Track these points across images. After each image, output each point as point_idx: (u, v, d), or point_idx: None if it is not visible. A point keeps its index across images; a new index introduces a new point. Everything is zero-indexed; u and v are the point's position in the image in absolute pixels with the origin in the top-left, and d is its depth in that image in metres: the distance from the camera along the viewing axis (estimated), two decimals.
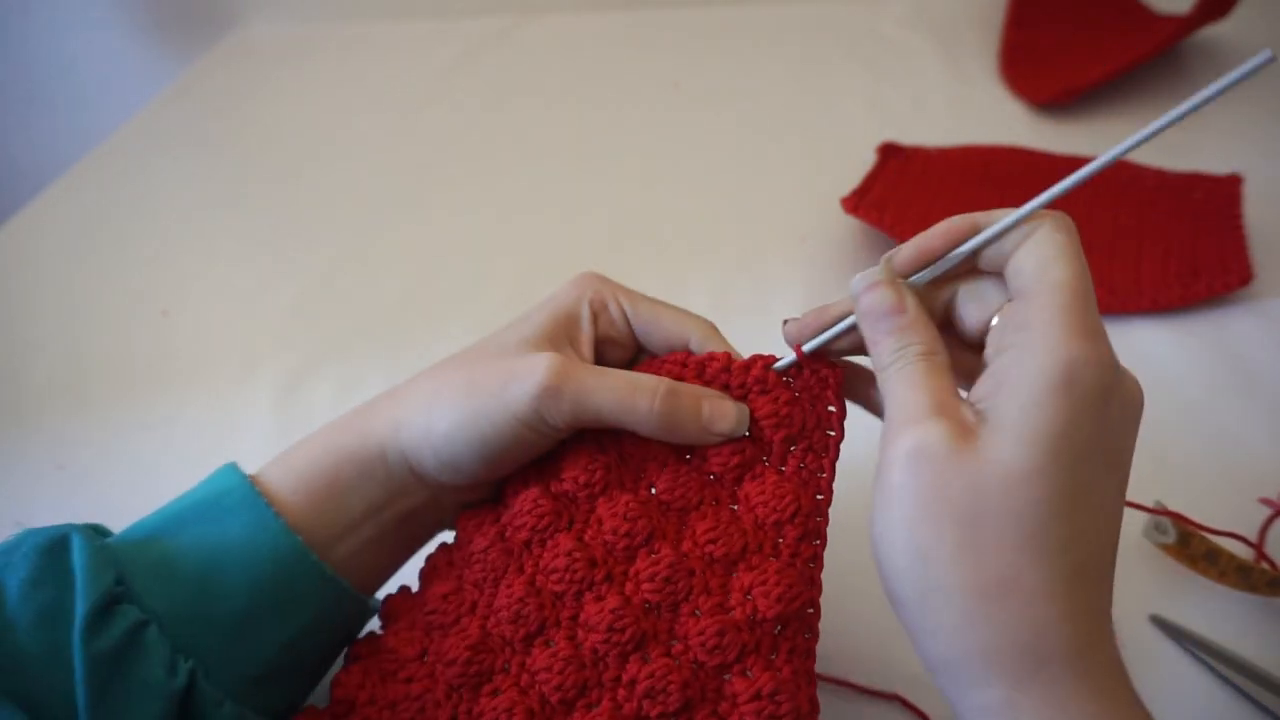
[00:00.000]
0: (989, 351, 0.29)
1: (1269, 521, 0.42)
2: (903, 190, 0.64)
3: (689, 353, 0.35)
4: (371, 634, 0.36)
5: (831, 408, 0.33)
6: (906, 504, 0.27)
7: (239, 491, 0.33)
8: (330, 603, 0.34)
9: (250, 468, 0.50)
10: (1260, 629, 0.39)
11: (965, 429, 0.27)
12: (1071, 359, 0.26)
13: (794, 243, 0.65)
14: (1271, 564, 0.41)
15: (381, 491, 0.34)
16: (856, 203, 0.59)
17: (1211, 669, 0.38)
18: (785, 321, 0.34)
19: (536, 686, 0.32)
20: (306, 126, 0.87)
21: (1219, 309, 0.55)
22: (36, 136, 1.21)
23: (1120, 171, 0.64)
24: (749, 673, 0.30)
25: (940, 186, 0.65)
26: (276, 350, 0.60)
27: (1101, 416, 0.27)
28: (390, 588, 0.38)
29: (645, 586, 0.32)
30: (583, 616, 0.32)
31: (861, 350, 0.33)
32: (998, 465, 0.26)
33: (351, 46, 1.00)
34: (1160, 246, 0.58)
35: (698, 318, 0.36)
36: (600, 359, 0.36)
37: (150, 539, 0.33)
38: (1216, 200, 0.61)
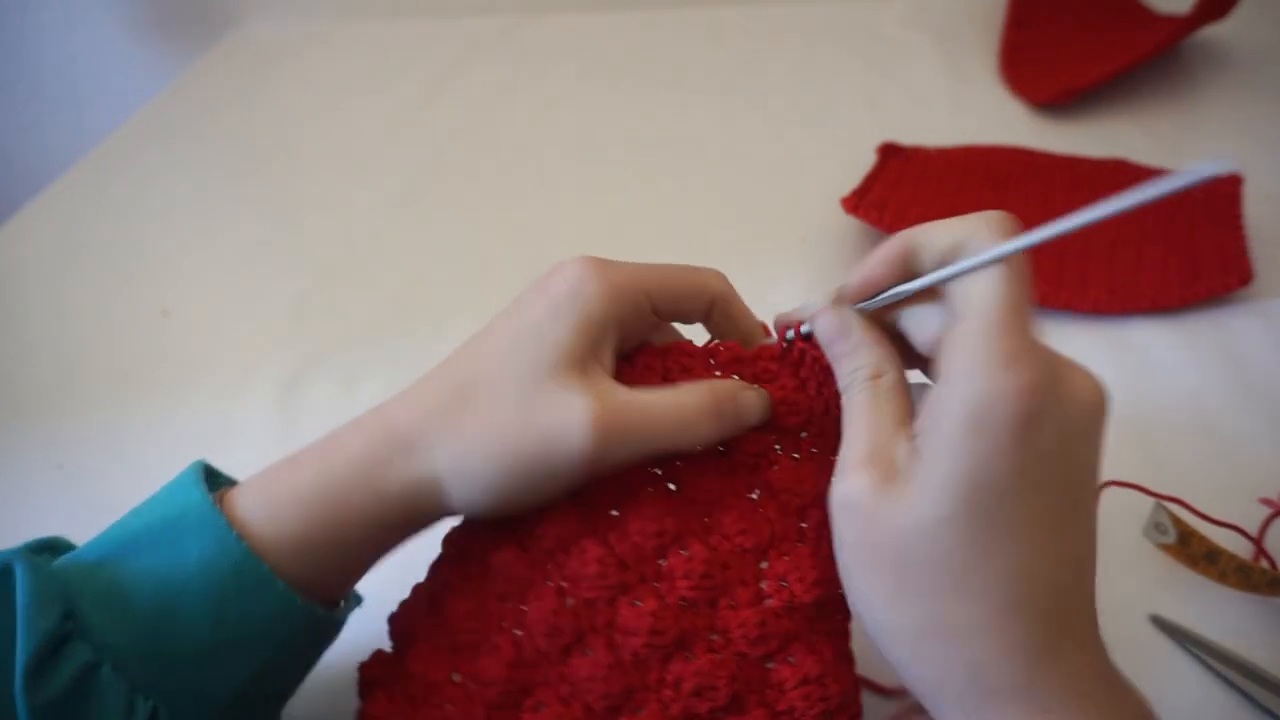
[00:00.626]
0: (934, 377, 0.28)
1: (1269, 521, 0.42)
2: (903, 190, 0.64)
3: (689, 342, 0.35)
4: (384, 654, 0.34)
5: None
6: (844, 553, 0.29)
7: (198, 511, 0.30)
8: (300, 628, 0.31)
9: (250, 469, 0.50)
10: (1260, 629, 0.40)
11: (889, 476, 0.27)
12: (982, 395, 0.25)
13: (794, 242, 0.64)
14: (1271, 561, 0.41)
15: (391, 534, 0.32)
16: (856, 202, 0.59)
17: (1211, 669, 0.38)
18: (827, 303, 0.32)
19: (580, 696, 0.31)
20: (307, 125, 0.87)
21: (1219, 309, 0.55)
22: (36, 136, 1.21)
23: (1120, 172, 0.64)
24: (792, 659, 0.31)
25: (940, 186, 0.65)
26: (276, 350, 0.60)
27: (1022, 449, 0.25)
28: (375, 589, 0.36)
29: (681, 584, 0.31)
30: (619, 622, 0.31)
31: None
32: (915, 515, 0.26)
33: (352, 45, 0.99)
34: (1160, 247, 0.58)
35: (706, 275, 0.34)
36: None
37: (102, 563, 0.30)
38: (1216, 200, 0.61)
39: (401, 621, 0.35)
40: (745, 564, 0.32)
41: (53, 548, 0.32)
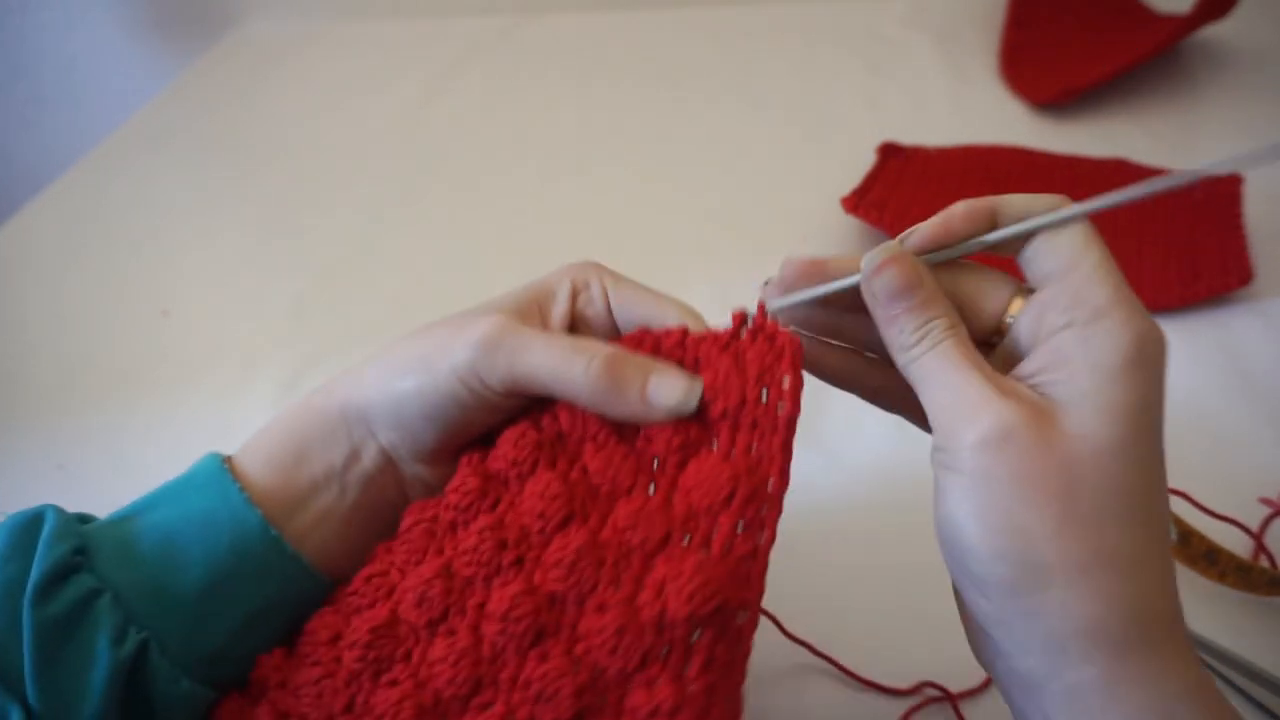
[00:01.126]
0: (1022, 336, 0.29)
1: (1269, 520, 0.42)
2: (903, 190, 0.64)
3: (644, 331, 0.33)
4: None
5: (787, 380, 0.29)
6: (997, 490, 0.26)
7: (208, 469, 0.33)
8: (289, 580, 0.33)
9: None
10: (1260, 629, 0.40)
11: (1039, 408, 0.27)
12: (1142, 334, 0.27)
13: (794, 242, 0.65)
14: (1271, 558, 0.41)
15: (341, 452, 0.34)
16: (857, 202, 0.59)
17: (1211, 669, 0.38)
18: (766, 282, 0.32)
19: (432, 680, 0.29)
20: (306, 125, 0.87)
21: (1219, 309, 0.55)
22: (36, 136, 1.21)
23: (1120, 172, 0.65)
24: (651, 684, 0.26)
25: (940, 186, 0.65)
26: (276, 350, 0.60)
27: (1162, 384, 0.27)
28: None
29: (552, 574, 0.28)
30: (488, 605, 0.29)
31: (842, 330, 0.32)
32: (1086, 441, 0.26)
33: (352, 45, 1.00)
34: (1160, 246, 0.58)
35: (680, 303, 0.34)
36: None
37: (122, 519, 0.33)
38: (1216, 200, 0.61)
39: (338, 587, 0.34)
40: (627, 564, 0.28)
41: (81, 517, 0.34)
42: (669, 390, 0.30)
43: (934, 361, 0.28)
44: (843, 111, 0.79)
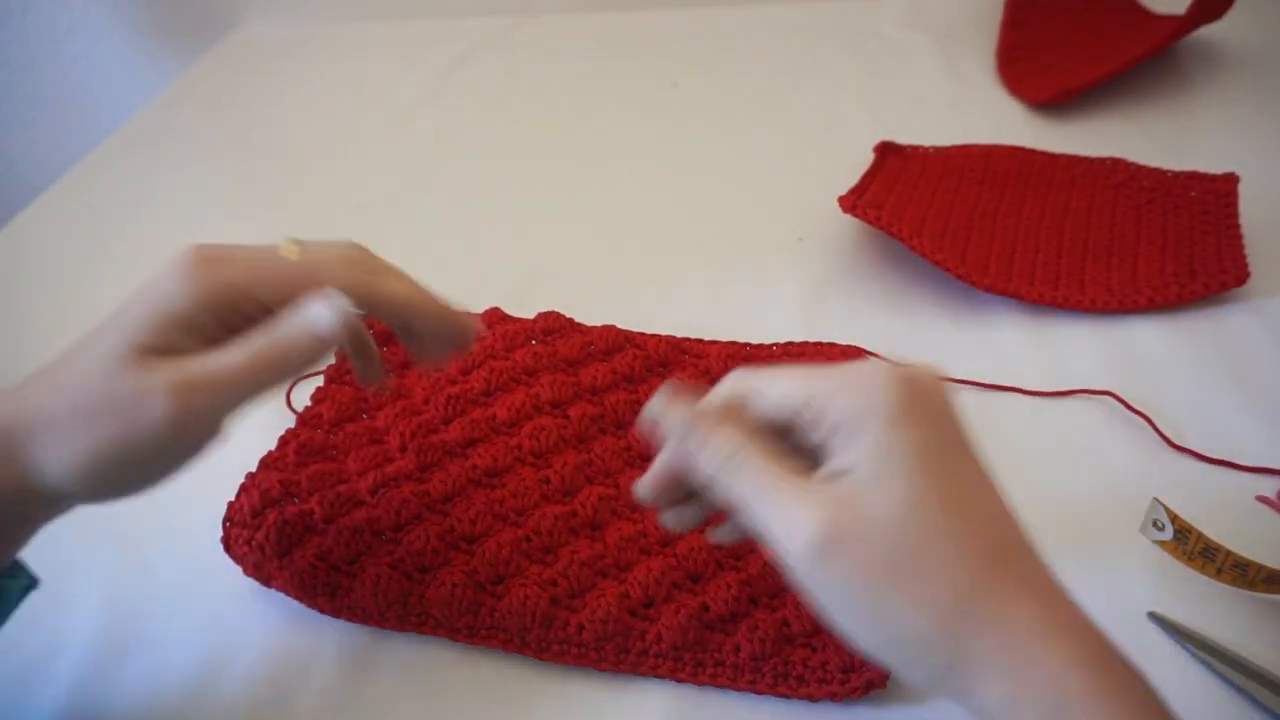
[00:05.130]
0: (816, 437, 0.30)
1: None
2: (900, 189, 0.64)
3: None
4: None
5: None
6: (840, 594, 0.28)
7: None
8: None
9: (249, 467, 0.50)
10: (1257, 626, 0.40)
11: (841, 500, 0.28)
12: (901, 386, 0.29)
13: (791, 242, 0.65)
14: None
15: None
16: (854, 202, 0.59)
17: (1209, 667, 0.38)
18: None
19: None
20: (306, 126, 0.87)
21: (1216, 308, 0.55)
22: (36, 137, 1.21)
23: (1117, 171, 0.65)
24: None
25: (938, 186, 0.65)
26: None
27: (945, 413, 0.29)
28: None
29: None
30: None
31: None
32: (893, 499, 0.27)
33: (351, 46, 1.00)
34: (1157, 245, 0.59)
35: (324, 268, 0.36)
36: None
37: None
38: (1213, 199, 0.61)
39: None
40: None
41: None
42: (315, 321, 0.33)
43: (744, 480, 0.30)
44: (840, 111, 0.80)
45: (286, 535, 0.43)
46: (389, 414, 0.50)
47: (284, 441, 0.49)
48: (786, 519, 0.28)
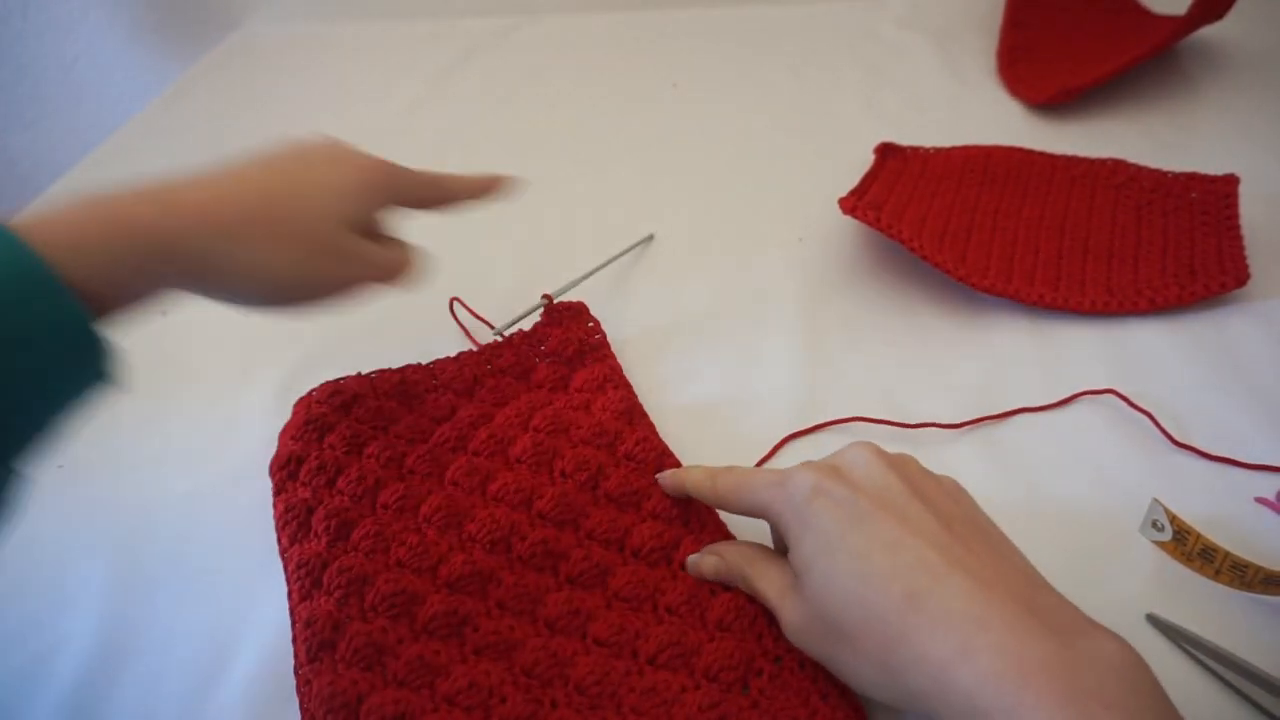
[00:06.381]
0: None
1: None
2: (900, 190, 0.64)
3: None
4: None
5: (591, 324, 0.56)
6: (820, 655, 0.36)
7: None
8: (62, 328, 0.35)
9: (250, 469, 0.50)
10: (1256, 627, 0.40)
11: (795, 587, 0.37)
12: (810, 476, 0.37)
13: (791, 242, 0.65)
14: None
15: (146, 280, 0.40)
16: (854, 203, 0.59)
17: (1207, 668, 0.38)
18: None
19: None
20: (307, 127, 0.86)
21: (1216, 309, 0.55)
22: (37, 136, 1.21)
23: (1118, 172, 0.65)
24: None
25: (938, 186, 0.65)
26: (276, 350, 0.61)
27: (817, 509, 0.36)
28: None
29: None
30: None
31: None
32: (817, 588, 0.35)
33: (351, 46, 1.00)
34: (1157, 247, 0.59)
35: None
36: None
37: None
38: (1213, 201, 0.61)
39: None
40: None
41: None
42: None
43: (756, 589, 0.39)
44: (840, 112, 0.80)
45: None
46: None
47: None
48: (779, 610, 0.37)
